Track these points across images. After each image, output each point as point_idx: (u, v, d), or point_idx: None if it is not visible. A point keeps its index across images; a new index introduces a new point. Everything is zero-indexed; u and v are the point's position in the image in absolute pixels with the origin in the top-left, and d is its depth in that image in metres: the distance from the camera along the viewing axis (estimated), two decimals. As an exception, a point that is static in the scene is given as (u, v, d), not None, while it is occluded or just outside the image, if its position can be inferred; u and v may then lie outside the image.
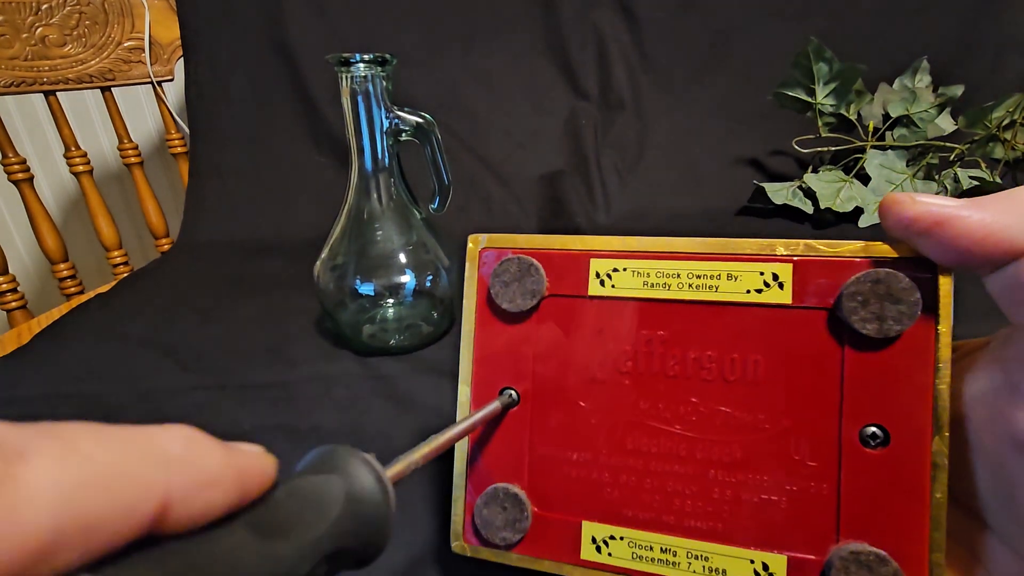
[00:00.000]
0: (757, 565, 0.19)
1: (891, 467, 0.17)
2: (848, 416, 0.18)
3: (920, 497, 0.17)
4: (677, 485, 0.20)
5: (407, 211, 0.43)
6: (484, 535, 0.21)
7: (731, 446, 0.19)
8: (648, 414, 0.20)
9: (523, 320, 0.22)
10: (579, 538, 0.21)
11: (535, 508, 0.21)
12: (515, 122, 0.79)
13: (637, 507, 0.20)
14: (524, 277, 0.21)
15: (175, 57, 0.78)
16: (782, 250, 0.19)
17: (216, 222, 0.77)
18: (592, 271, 0.21)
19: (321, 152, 0.78)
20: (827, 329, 0.18)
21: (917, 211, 0.16)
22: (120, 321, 0.53)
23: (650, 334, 0.20)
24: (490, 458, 0.22)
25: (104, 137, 0.98)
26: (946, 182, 0.63)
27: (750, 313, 0.19)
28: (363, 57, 0.37)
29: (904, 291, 0.17)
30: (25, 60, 0.69)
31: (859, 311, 0.18)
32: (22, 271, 1.05)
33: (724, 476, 0.19)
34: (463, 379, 0.22)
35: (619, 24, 0.78)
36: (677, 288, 0.20)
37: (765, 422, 0.19)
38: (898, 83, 0.67)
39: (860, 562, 0.17)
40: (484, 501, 0.21)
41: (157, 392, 0.40)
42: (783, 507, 0.19)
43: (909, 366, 0.17)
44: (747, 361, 0.19)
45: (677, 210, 0.74)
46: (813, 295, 0.19)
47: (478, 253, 0.22)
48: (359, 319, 0.44)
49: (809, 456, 0.18)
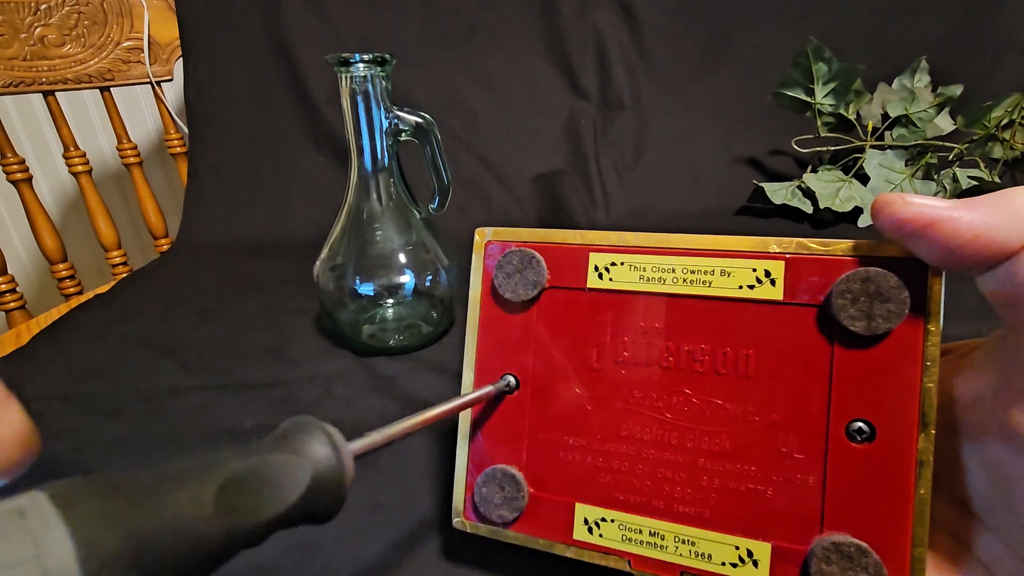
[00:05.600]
0: (742, 552, 0.19)
1: (876, 462, 0.18)
2: (836, 411, 0.18)
3: (904, 492, 0.17)
4: (668, 472, 0.20)
5: (407, 211, 0.43)
6: (483, 512, 0.22)
7: (721, 436, 0.20)
8: (642, 403, 0.21)
9: (524, 310, 0.23)
10: (572, 519, 0.21)
11: (531, 489, 0.22)
12: (515, 122, 0.79)
13: (628, 491, 0.21)
14: (526, 269, 0.22)
15: (174, 57, 0.78)
16: (775, 247, 0.20)
17: (215, 222, 0.77)
18: (591, 264, 0.22)
19: (320, 152, 0.78)
20: (817, 326, 0.19)
21: (908, 212, 0.16)
22: (119, 321, 0.53)
23: (646, 326, 0.21)
24: (491, 440, 0.23)
25: (103, 137, 0.98)
26: (945, 182, 0.63)
27: (742, 308, 0.20)
28: (363, 57, 0.37)
29: (893, 290, 0.17)
30: (24, 60, 0.69)
31: (848, 308, 0.18)
32: (21, 271, 1.04)
33: (713, 465, 0.20)
34: (467, 365, 0.23)
35: (619, 24, 0.78)
36: (672, 283, 0.21)
37: (755, 414, 0.19)
38: (897, 83, 0.68)
39: (841, 553, 0.17)
40: (483, 481, 0.22)
41: (157, 392, 0.40)
42: (769, 497, 0.19)
43: (897, 364, 0.18)
44: (739, 355, 0.20)
45: (676, 210, 0.74)
46: (804, 292, 0.19)
47: (484, 246, 0.24)
48: (359, 319, 0.44)
49: (796, 449, 0.19)
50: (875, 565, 0.17)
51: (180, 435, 0.35)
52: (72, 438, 0.36)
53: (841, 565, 0.17)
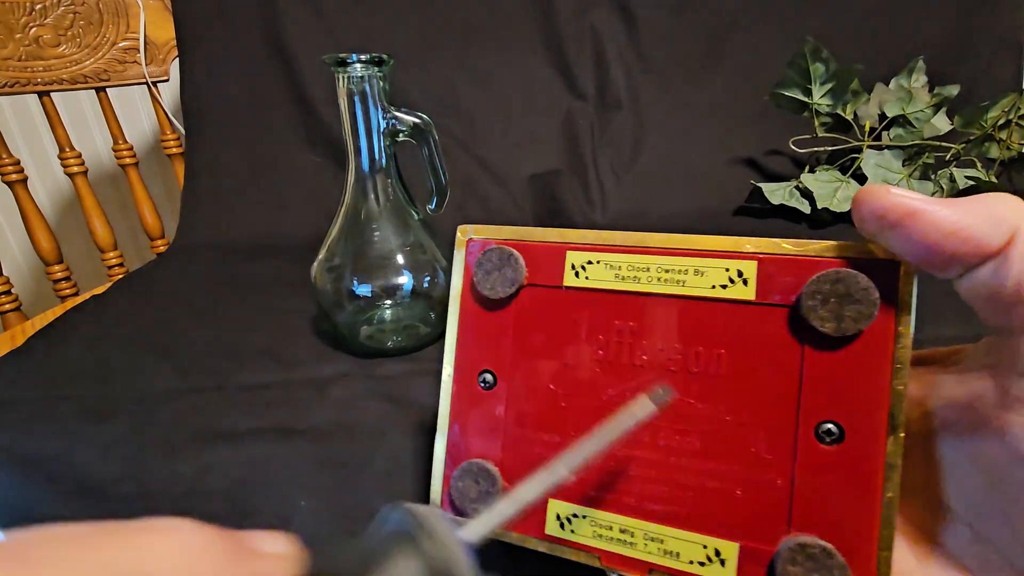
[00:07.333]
0: (710, 551, 0.19)
1: (845, 464, 0.18)
2: (805, 412, 0.18)
3: (872, 495, 0.17)
4: (639, 470, 0.21)
5: (404, 212, 0.42)
6: (458, 506, 0.23)
7: (692, 435, 0.20)
8: (615, 401, 0.21)
9: (503, 307, 0.23)
10: (545, 515, 0.22)
11: (506, 484, 0.22)
12: (512, 122, 0.79)
13: (600, 488, 0.21)
14: (504, 266, 0.22)
15: (170, 57, 0.77)
16: (749, 247, 0.20)
17: (212, 223, 0.76)
18: (568, 263, 0.22)
19: (318, 153, 0.78)
20: (788, 326, 0.19)
21: (891, 201, 0.16)
22: (115, 323, 0.52)
23: (620, 324, 0.21)
24: (468, 435, 0.23)
25: (99, 138, 0.97)
26: (942, 182, 0.63)
27: (715, 308, 0.20)
28: (360, 57, 0.37)
29: (863, 291, 0.17)
30: (19, 60, 0.69)
31: (818, 309, 0.18)
32: (16, 273, 1.04)
33: (684, 463, 0.20)
34: (447, 360, 0.24)
35: (616, 24, 0.78)
36: (647, 281, 0.21)
37: (726, 414, 0.20)
38: (894, 83, 0.68)
39: (807, 554, 0.17)
40: (459, 475, 0.23)
41: (153, 394, 0.40)
42: (738, 497, 0.19)
43: (867, 366, 0.18)
44: (711, 354, 0.20)
45: (674, 210, 0.74)
46: (777, 292, 0.19)
47: (466, 243, 0.24)
48: (356, 320, 0.44)
49: (766, 449, 0.19)
50: (840, 567, 0.17)
51: (175, 437, 0.35)
52: (66, 440, 0.35)
53: (806, 566, 0.17)
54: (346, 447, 0.33)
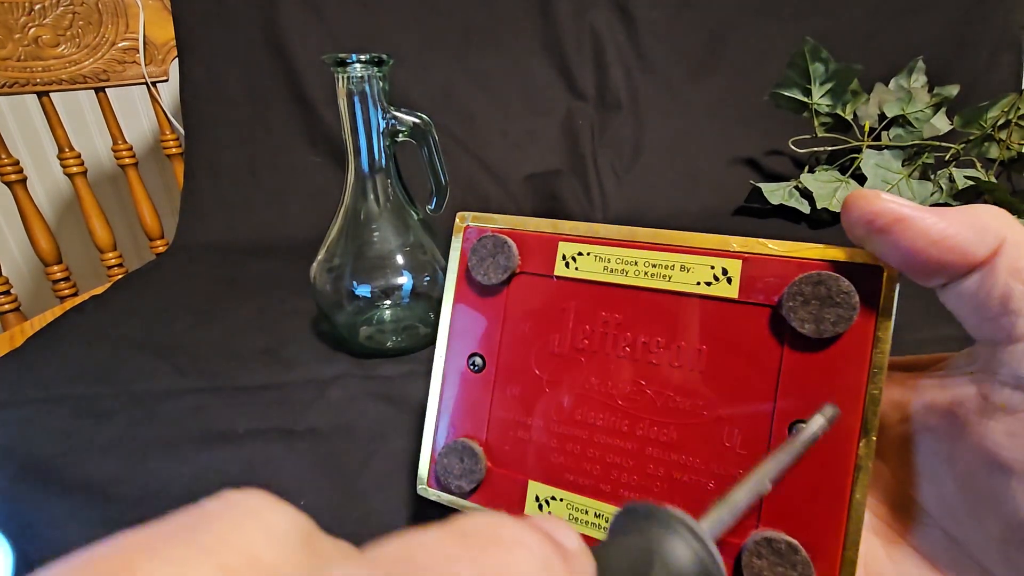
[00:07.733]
0: None
1: (816, 464, 0.18)
2: (780, 411, 0.19)
3: (840, 496, 0.18)
4: (616, 458, 0.21)
5: (404, 212, 0.42)
6: (443, 482, 0.23)
7: (669, 427, 0.20)
8: (597, 389, 0.22)
9: (495, 293, 0.24)
10: (524, 495, 0.23)
11: (489, 463, 0.23)
12: (512, 122, 0.79)
13: (578, 473, 0.22)
14: (497, 254, 0.23)
15: (170, 57, 0.77)
16: (735, 246, 0.20)
17: (211, 223, 0.76)
18: (559, 253, 0.23)
19: (317, 153, 0.78)
20: (769, 326, 0.19)
21: (880, 207, 0.17)
22: (115, 323, 0.52)
23: (607, 316, 0.22)
24: (456, 415, 0.24)
25: (98, 138, 0.97)
26: (942, 182, 0.63)
27: (699, 304, 0.20)
28: (359, 57, 0.37)
29: (843, 295, 0.18)
30: (18, 61, 0.69)
31: (798, 311, 0.18)
32: (15, 273, 1.04)
33: (660, 454, 0.20)
34: (439, 343, 0.24)
35: (616, 24, 0.78)
36: (634, 275, 0.21)
37: (703, 408, 0.20)
38: (894, 83, 0.68)
39: (772, 548, 0.18)
40: (445, 452, 0.23)
41: (152, 395, 0.40)
42: (711, 489, 0.20)
43: (844, 368, 0.18)
44: (692, 350, 0.20)
45: (674, 210, 0.74)
46: (760, 292, 0.19)
47: (463, 229, 0.24)
48: (356, 321, 0.44)
49: (740, 445, 0.19)
50: (804, 563, 0.18)
51: (174, 438, 0.35)
52: (66, 440, 0.35)
53: (771, 560, 0.18)
54: (345, 447, 0.33)
